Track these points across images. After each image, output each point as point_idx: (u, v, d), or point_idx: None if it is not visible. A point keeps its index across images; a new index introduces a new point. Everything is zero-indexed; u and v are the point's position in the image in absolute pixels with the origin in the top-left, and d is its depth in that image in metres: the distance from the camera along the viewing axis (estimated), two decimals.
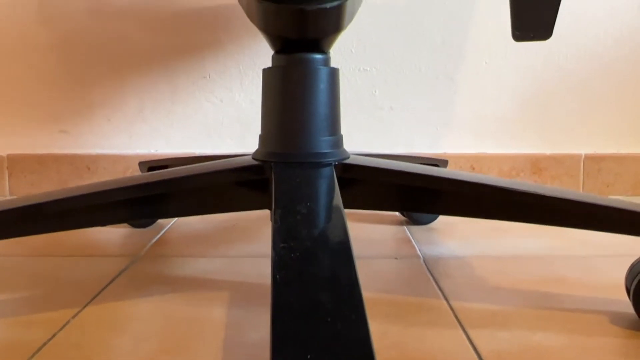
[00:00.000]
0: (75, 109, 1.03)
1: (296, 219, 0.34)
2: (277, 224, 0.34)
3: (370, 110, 1.03)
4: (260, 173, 0.50)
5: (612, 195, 1.03)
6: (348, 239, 0.33)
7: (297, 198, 0.39)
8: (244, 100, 1.03)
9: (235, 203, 0.52)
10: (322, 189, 0.44)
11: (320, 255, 0.30)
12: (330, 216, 0.36)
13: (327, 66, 0.51)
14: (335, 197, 0.41)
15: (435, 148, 1.03)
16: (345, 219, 0.36)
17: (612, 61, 1.01)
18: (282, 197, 0.40)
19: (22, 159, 1.03)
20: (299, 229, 0.33)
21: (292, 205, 0.37)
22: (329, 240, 0.33)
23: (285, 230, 0.33)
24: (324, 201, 0.39)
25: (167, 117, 1.03)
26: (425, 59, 1.01)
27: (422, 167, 0.51)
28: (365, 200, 0.52)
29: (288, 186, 0.43)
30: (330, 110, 0.51)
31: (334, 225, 0.35)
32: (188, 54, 1.02)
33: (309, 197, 0.40)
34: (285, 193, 0.41)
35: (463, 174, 0.51)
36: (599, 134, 1.03)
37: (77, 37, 1.01)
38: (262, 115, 0.53)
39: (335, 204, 0.38)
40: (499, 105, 1.02)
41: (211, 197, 0.50)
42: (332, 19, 0.49)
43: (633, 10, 1.00)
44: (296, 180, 0.44)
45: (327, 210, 0.38)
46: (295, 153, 0.49)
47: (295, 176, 0.45)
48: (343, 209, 0.38)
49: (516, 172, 1.03)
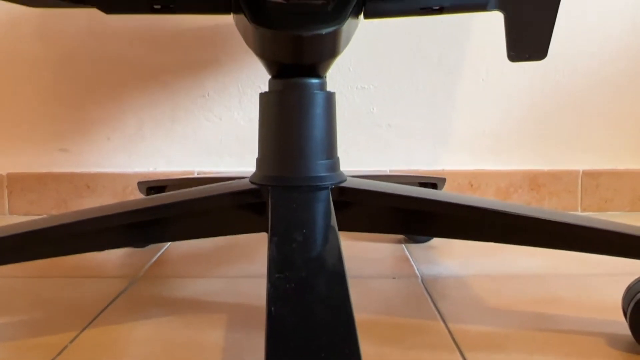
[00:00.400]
0: (75, 128, 1.04)
1: (292, 247, 0.35)
2: (272, 253, 0.34)
3: (369, 127, 1.03)
4: (258, 197, 0.51)
5: (611, 211, 1.03)
6: (343, 269, 0.33)
7: (293, 224, 0.40)
8: (243, 118, 1.03)
9: (234, 226, 0.52)
10: (318, 214, 0.44)
11: (315, 287, 0.31)
12: (326, 244, 0.36)
13: (323, 90, 0.51)
14: (331, 223, 0.41)
15: (434, 165, 1.04)
16: (341, 247, 0.36)
17: (608, 77, 1.02)
18: (278, 223, 0.40)
19: (21, 177, 1.03)
20: (294, 258, 0.33)
21: (288, 233, 0.38)
22: (324, 271, 0.33)
23: (281, 260, 0.33)
24: (320, 227, 0.40)
25: (167, 135, 1.04)
26: (423, 77, 1.02)
27: (418, 190, 0.51)
28: (362, 223, 0.52)
29: (284, 211, 0.43)
30: (326, 134, 0.51)
31: (329, 254, 0.35)
32: (187, 73, 1.03)
33: (305, 223, 0.40)
34: (282, 219, 0.41)
35: (458, 196, 0.52)
36: (596, 150, 1.03)
37: (77, 57, 1.02)
38: (259, 139, 0.53)
39: (331, 230, 0.39)
40: (496, 122, 1.03)
41: (209, 221, 0.51)
42: (328, 44, 0.50)
43: (627, 26, 1.01)
44: (292, 206, 0.44)
45: (323, 237, 0.38)
46: (291, 177, 0.50)
47: (291, 201, 0.46)
48: (339, 235, 0.38)
49: (514, 189, 1.03)
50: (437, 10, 0.62)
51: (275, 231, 0.38)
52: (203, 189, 0.51)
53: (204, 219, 0.50)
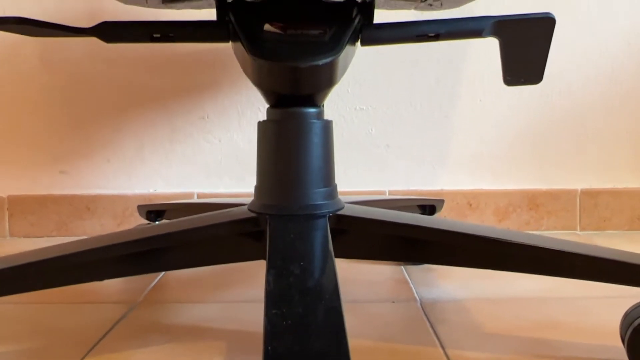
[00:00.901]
0: (75, 150, 1.04)
1: (289, 281, 0.35)
2: (269, 287, 0.34)
3: (367, 148, 1.04)
4: (256, 225, 0.51)
5: (609, 230, 1.03)
6: (340, 304, 0.34)
7: (290, 256, 0.40)
8: (242, 140, 1.04)
9: (233, 255, 0.52)
10: (316, 244, 0.44)
11: (311, 324, 0.31)
12: (323, 278, 0.37)
13: (320, 119, 0.52)
14: (328, 254, 0.41)
15: (432, 185, 1.04)
16: (338, 280, 0.37)
17: (604, 97, 1.03)
18: (275, 255, 0.41)
19: (22, 200, 1.04)
20: (291, 292, 0.34)
21: (286, 265, 0.38)
22: (320, 307, 0.33)
23: (278, 294, 0.33)
24: (318, 259, 0.40)
25: (166, 157, 1.04)
26: (420, 98, 1.03)
27: (415, 217, 0.52)
28: (360, 250, 0.52)
29: (282, 242, 0.44)
30: (324, 163, 0.52)
31: (326, 289, 0.35)
32: (187, 96, 1.04)
33: (302, 255, 0.41)
34: (279, 251, 0.42)
35: (455, 223, 0.52)
36: (594, 169, 1.04)
37: (78, 80, 1.03)
38: (257, 167, 0.54)
39: (328, 262, 0.39)
40: (494, 142, 1.04)
41: (209, 250, 0.51)
42: (325, 74, 0.51)
43: (622, 47, 1.02)
44: (290, 236, 0.45)
45: (320, 270, 0.38)
46: (289, 206, 0.50)
47: (289, 231, 0.46)
48: (336, 267, 0.38)
49: (513, 208, 1.04)
50: (433, 37, 0.63)
51: (273, 263, 0.39)
52: (201, 217, 0.51)
53: (203, 247, 0.51)
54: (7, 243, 1.02)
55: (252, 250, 0.52)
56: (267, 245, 0.44)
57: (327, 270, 0.39)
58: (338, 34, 0.54)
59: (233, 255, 0.52)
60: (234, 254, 0.52)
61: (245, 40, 0.52)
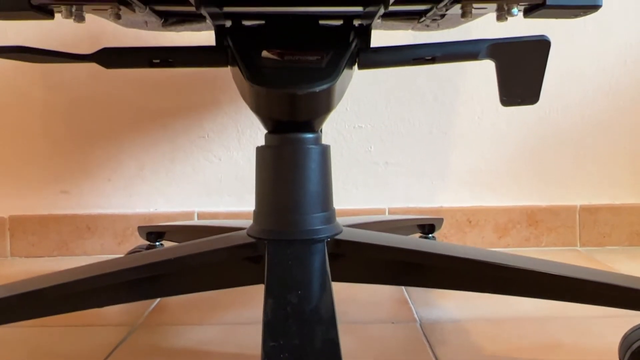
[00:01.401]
0: (76, 170, 1.05)
1: (286, 311, 0.35)
2: (267, 318, 0.35)
3: (366, 166, 1.04)
4: (255, 250, 0.51)
5: (609, 246, 1.03)
6: (336, 334, 0.34)
7: (288, 285, 0.40)
8: (242, 158, 1.05)
9: (232, 279, 0.53)
10: (314, 272, 0.45)
11: (308, 356, 0.31)
12: (321, 308, 0.37)
13: (318, 144, 0.52)
14: (326, 283, 0.42)
15: (432, 202, 1.05)
16: (335, 308, 0.37)
17: (603, 114, 1.03)
18: (273, 282, 0.41)
19: (23, 220, 1.04)
20: (288, 324, 0.34)
21: (283, 294, 0.38)
22: (317, 339, 0.34)
23: (275, 326, 0.33)
24: (316, 288, 0.40)
25: (167, 176, 1.05)
26: (419, 116, 1.04)
27: (413, 241, 0.52)
28: (358, 274, 0.52)
29: (280, 269, 0.44)
30: (322, 188, 0.52)
31: (323, 319, 0.36)
32: (187, 115, 1.04)
33: (300, 283, 0.41)
34: (277, 278, 0.42)
35: (453, 247, 0.52)
36: (593, 186, 1.04)
37: (79, 101, 1.03)
38: (256, 192, 0.54)
39: (326, 291, 0.39)
40: (493, 159, 1.04)
41: (208, 275, 0.51)
42: (322, 100, 0.51)
43: (620, 64, 1.02)
44: (288, 263, 0.45)
45: (317, 300, 0.39)
46: (288, 231, 0.50)
47: (287, 257, 0.46)
48: (333, 296, 0.39)
49: (512, 225, 1.04)
50: (429, 60, 0.64)
51: (271, 292, 0.39)
52: (200, 243, 0.52)
53: (202, 273, 0.51)
54: (8, 263, 1.02)
55: (252, 274, 0.53)
56: (266, 271, 0.45)
57: (325, 299, 0.39)
58: (335, 60, 0.55)
59: (232, 280, 0.52)
60: (233, 279, 0.52)
61: (243, 67, 0.53)
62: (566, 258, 0.98)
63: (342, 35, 0.61)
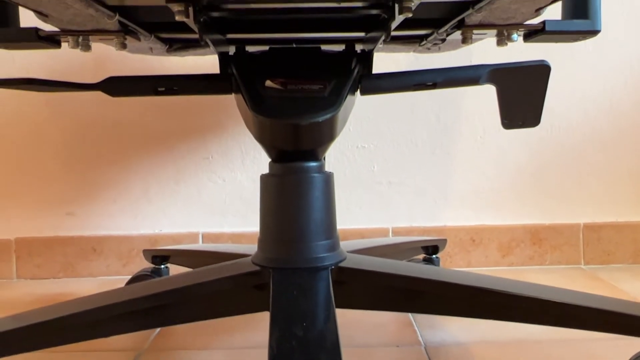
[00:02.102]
0: (82, 191, 1.06)
1: (292, 345, 0.36)
2: (273, 352, 0.35)
3: (370, 185, 1.05)
4: (260, 278, 0.52)
5: (614, 264, 1.03)
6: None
7: (293, 316, 0.41)
8: (246, 179, 1.05)
9: (237, 307, 0.53)
10: (319, 300, 0.45)
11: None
12: (325, 341, 0.37)
13: (321, 173, 0.53)
14: (330, 314, 0.42)
15: (435, 221, 1.05)
16: (339, 339, 0.37)
17: (604, 132, 1.04)
18: (278, 314, 0.41)
19: (29, 242, 1.05)
20: (294, 357, 0.34)
21: (288, 327, 0.39)
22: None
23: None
24: (320, 320, 0.41)
25: (172, 197, 1.06)
26: (421, 135, 1.04)
27: (417, 268, 0.52)
28: (362, 301, 0.53)
29: (285, 300, 0.44)
30: (325, 215, 0.53)
31: (328, 352, 0.36)
32: (192, 137, 1.05)
33: (305, 314, 0.41)
34: (283, 309, 0.42)
35: (456, 274, 0.53)
36: (596, 203, 1.04)
37: (85, 123, 1.05)
38: (260, 220, 0.55)
39: (330, 322, 0.40)
40: (496, 178, 1.04)
41: (213, 304, 0.52)
42: (325, 130, 0.52)
43: (620, 83, 1.03)
44: (293, 292, 0.46)
45: (322, 332, 0.39)
46: (292, 259, 0.51)
47: (292, 287, 0.47)
48: (337, 327, 0.39)
49: (516, 243, 1.04)
50: (430, 85, 0.65)
51: (276, 324, 0.39)
52: (206, 271, 0.52)
53: (207, 301, 0.51)
54: (14, 285, 1.02)
55: (257, 302, 0.53)
56: (271, 301, 0.45)
57: (329, 329, 0.40)
58: (338, 88, 0.56)
59: (238, 308, 0.53)
60: (239, 306, 0.53)
61: (247, 97, 0.54)
62: (570, 276, 0.98)
63: (345, 61, 0.62)
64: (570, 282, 0.95)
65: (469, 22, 0.60)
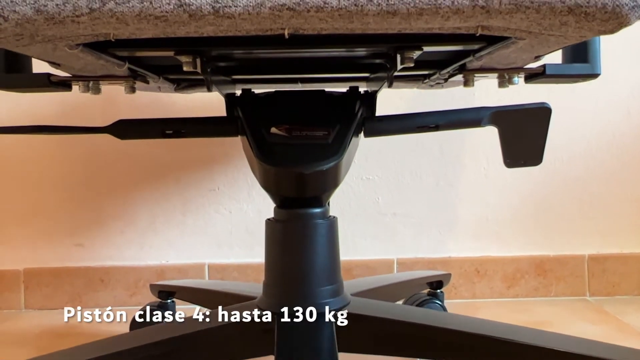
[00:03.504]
0: (90, 222, 1.07)
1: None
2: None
3: (375, 216, 1.06)
4: (266, 323, 0.52)
5: (619, 296, 1.03)
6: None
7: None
8: (252, 210, 1.06)
9: (243, 351, 0.54)
10: (323, 349, 0.46)
11: None
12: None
13: (325, 219, 0.54)
14: (334, 357, 0.43)
15: (439, 252, 1.05)
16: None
17: (607, 163, 1.04)
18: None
19: (37, 272, 1.06)
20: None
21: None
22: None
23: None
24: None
25: (178, 228, 1.07)
26: (425, 167, 1.05)
27: (422, 314, 0.53)
28: (365, 345, 0.53)
29: (289, 346, 0.45)
30: (329, 261, 0.53)
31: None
32: (198, 168, 1.07)
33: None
34: (287, 356, 0.43)
35: (461, 320, 0.53)
36: (601, 235, 1.05)
37: (93, 155, 1.06)
38: (265, 265, 0.56)
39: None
40: (499, 209, 1.05)
41: (219, 349, 0.53)
42: (329, 177, 0.53)
43: (622, 115, 1.04)
44: (298, 338, 0.46)
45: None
46: (297, 304, 0.52)
47: (296, 333, 0.47)
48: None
49: (521, 275, 1.04)
50: (433, 127, 0.66)
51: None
52: (212, 316, 0.53)
53: (214, 347, 0.52)
54: (22, 316, 1.03)
55: (263, 346, 0.53)
56: (275, 347, 0.46)
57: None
58: (341, 134, 0.57)
59: (244, 352, 0.53)
60: (244, 351, 0.53)
61: (253, 144, 0.55)
62: (576, 308, 0.98)
63: (348, 104, 0.64)
64: (576, 314, 0.95)
65: (471, 67, 0.62)
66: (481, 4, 0.37)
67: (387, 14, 0.37)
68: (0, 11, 0.36)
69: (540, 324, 0.90)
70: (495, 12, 0.37)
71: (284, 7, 0.36)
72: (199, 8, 0.36)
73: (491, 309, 0.99)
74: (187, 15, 0.36)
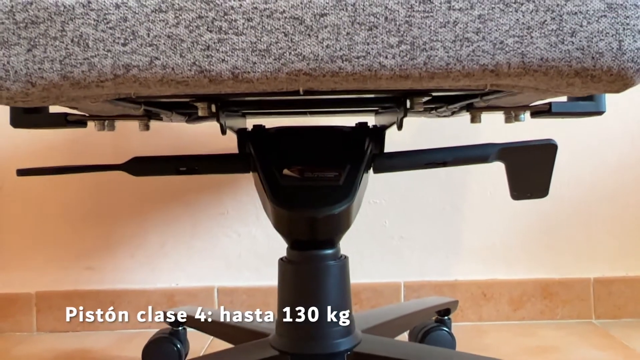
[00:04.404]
0: (100, 246, 1.08)
1: None
2: None
3: (382, 240, 1.07)
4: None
5: (625, 319, 1.04)
6: None
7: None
8: (261, 234, 1.08)
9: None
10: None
11: None
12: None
13: (337, 260, 0.55)
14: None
15: (446, 275, 1.06)
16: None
17: (612, 187, 1.05)
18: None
19: (49, 295, 1.08)
20: None
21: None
22: None
23: None
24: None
25: (188, 251, 1.08)
26: (432, 192, 1.06)
27: (431, 353, 0.54)
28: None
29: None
30: (341, 301, 0.55)
31: None
32: (207, 192, 1.08)
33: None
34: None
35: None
36: (606, 258, 1.06)
37: (103, 179, 1.08)
38: (278, 303, 0.57)
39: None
40: (505, 233, 1.06)
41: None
42: (341, 220, 0.54)
43: (627, 141, 1.05)
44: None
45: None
46: (309, 345, 0.53)
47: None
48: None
49: (527, 298, 1.05)
50: (440, 164, 0.67)
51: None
52: (225, 356, 0.54)
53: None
54: (34, 339, 1.05)
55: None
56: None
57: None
58: (352, 175, 0.58)
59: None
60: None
61: (266, 185, 0.56)
62: (581, 331, 0.99)
63: (358, 142, 0.65)
64: (581, 339, 0.95)
65: (477, 106, 0.63)
66: (490, 68, 0.38)
67: (399, 78, 0.38)
68: (29, 77, 0.37)
69: (545, 349, 0.91)
70: (504, 75, 0.38)
71: (300, 72, 0.38)
72: (219, 74, 0.37)
73: (498, 332, 1.00)
74: (207, 80, 0.38)
